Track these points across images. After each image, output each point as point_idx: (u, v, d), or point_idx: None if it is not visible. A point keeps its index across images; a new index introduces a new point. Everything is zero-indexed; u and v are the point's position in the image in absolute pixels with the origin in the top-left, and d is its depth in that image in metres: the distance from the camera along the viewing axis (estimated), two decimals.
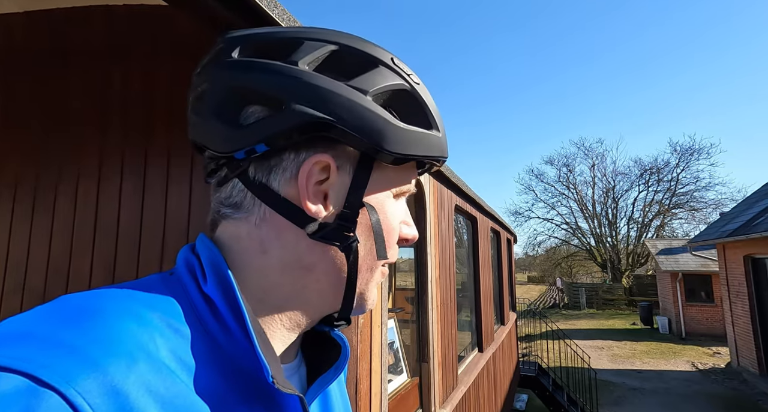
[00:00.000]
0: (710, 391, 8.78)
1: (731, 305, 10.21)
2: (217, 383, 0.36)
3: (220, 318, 0.39)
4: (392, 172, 0.46)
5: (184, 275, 0.41)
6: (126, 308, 0.34)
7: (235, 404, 0.36)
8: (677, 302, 14.88)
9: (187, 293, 0.39)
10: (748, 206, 10.79)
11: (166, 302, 0.37)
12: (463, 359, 3.95)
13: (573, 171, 30.61)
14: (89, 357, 0.29)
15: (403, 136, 0.43)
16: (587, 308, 22.77)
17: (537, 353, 10.60)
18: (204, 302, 0.39)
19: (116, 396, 0.28)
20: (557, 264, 33.47)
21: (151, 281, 0.40)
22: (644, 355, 11.96)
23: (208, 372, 0.35)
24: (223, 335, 0.38)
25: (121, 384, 0.29)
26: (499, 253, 6.79)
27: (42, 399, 0.26)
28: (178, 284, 0.40)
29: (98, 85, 2.19)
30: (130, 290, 0.37)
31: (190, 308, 0.38)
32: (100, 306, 0.34)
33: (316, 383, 0.46)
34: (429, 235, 2.82)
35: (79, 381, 0.27)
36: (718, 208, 24.41)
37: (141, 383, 0.30)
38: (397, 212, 0.48)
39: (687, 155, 26.94)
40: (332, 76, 0.41)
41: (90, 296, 0.35)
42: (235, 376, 0.37)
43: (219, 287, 0.39)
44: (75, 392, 0.27)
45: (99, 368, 0.29)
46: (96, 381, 0.28)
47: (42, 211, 2.15)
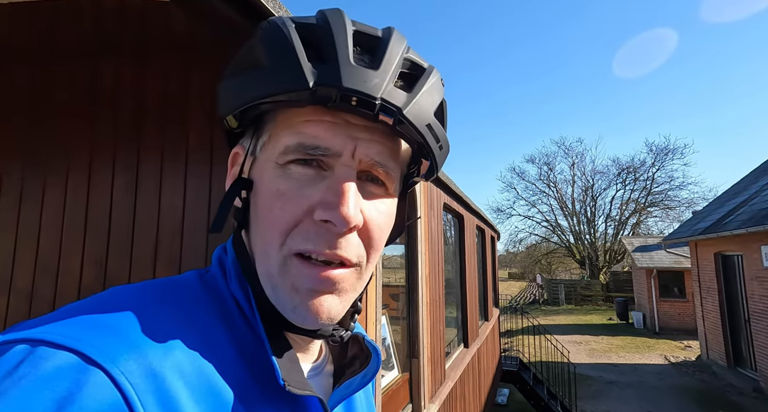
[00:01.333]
0: (682, 383, 9.14)
1: (702, 301, 10.63)
2: (243, 377, 0.37)
3: (244, 315, 0.41)
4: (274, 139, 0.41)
5: (216, 273, 0.44)
6: (166, 300, 0.37)
7: (259, 398, 0.37)
8: (651, 298, 15.39)
9: (220, 290, 0.42)
10: (719, 205, 11.22)
11: (201, 297, 0.40)
12: (449, 354, 4.02)
13: (553, 169, 31.20)
14: (131, 341, 0.31)
15: (229, 91, 0.42)
16: (566, 304, 23.31)
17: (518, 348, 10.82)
18: (232, 299, 0.41)
19: (154, 378, 0.30)
20: (537, 261, 34.12)
21: (190, 277, 0.43)
22: (620, 349, 12.35)
23: (236, 366, 0.37)
24: (248, 333, 0.40)
25: (159, 368, 0.31)
26: (484, 250, 6.91)
27: (90, 375, 0.28)
28: (212, 281, 0.43)
29: (87, 79, 2.14)
30: (171, 284, 0.40)
31: (223, 306, 0.41)
32: (143, 297, 0.36)
33: (341, 387, 0.45)
34: (420, 233, 2.86)
35: (122, 361, 0.30)
36: (690, 206, 25.27)
37: (176, 368, 0.32)
38: (290, 185, 0.39)
39: (662, 155, 27.79)
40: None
41: (135, 289, 0.38)
42: (261, 372, 0.39)
43: (240, 288, 0.42)
44: (119, 371, 0.29)
45: (140, 351, 0.31)
46: (137, 363, 0.30)
47: (29, 206, 2.09)
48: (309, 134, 0.39)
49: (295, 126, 0.40)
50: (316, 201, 0.38)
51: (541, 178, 31.29)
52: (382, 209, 0.43)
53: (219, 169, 1.86)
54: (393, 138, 0.42)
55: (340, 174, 0.39)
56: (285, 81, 0.37)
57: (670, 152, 27.61)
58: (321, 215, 0.38)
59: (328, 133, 0.39)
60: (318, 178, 0.39)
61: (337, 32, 0.39)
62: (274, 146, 0.41)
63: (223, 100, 0.43)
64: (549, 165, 31.31)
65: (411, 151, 0.46)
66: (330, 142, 0.39)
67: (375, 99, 0.37)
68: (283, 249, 0.39)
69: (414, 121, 0.40)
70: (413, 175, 0.49)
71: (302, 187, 0.39)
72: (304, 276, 0.39)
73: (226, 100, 0.42)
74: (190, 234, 1.82)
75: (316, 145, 0.39)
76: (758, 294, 8.29)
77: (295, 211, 0.38)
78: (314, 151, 0.39)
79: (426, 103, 0.41)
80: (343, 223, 0.37)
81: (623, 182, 28.84)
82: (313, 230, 0.38)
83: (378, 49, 0.41)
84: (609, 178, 29.69)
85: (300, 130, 0.39)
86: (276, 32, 0.39)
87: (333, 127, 0.39)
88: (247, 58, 0.41)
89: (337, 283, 0.39)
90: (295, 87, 0.37)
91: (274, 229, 0.39)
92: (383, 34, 0.42)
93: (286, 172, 0.39)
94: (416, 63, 0.43)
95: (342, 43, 0.39)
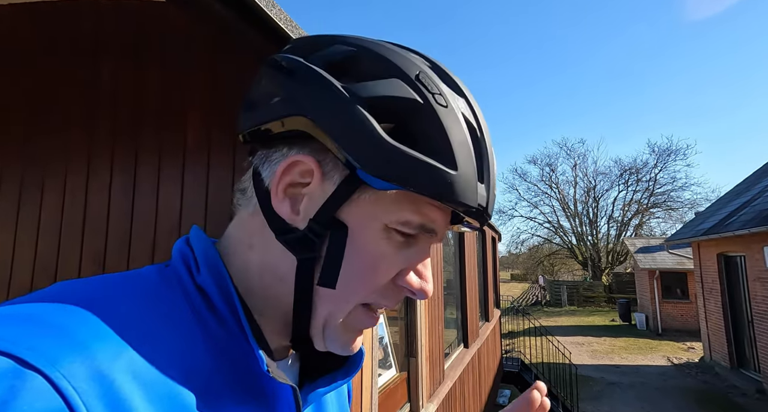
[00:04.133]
0: (684, 384, 9.10)
1: (705, 302, 10.58)
2: (207, 372, 0.36)
3: (214, 308, 0.39)
4: (390, 200, 0.39)
5: (179, 267, 0.41)
6: (120, 295, 0.35)
7: (226, 394, 0.36)
8: (654, 299, 15.33)
9: (182, 283, 0.39)
10: (721, 205, 11.18)
11: (160, 291, 0.38)
12: (449, 354, 4.02)
13: (555, 171, 31.24)
14: (78, 341, 0.29)
15: (390, 157, 0.36)
16: (568, 305, 23.25)
17: (520, 349, 10.80)
18: (198, 292, 0.39)
19: (102, 380, 0.28)
20: (540, 262, 34.06)
21: (146, 271, 0.40)
22: (622, 350, 12.31)
23: (199, 362, 0.35)
24: (217, 326, 0.38)
25: (108, 369, 0.29)
26: (484, 251, 6.90)
27: (26, 380, 0.26)
28: (173, 274, 0.40)
29: (85, 81, 2.16)
30: (126, 279, 0.38)
31: (185, 299, 0.38)
32: (94, 293, 0.34)
33: (315, 383, 0.45)
34: None
35: (65, 364, 0.27)
36: (693, 207, 25.23)
37: (128, 369, 0.30)
38: (391, 250, 0.40)
39: (665, 156, 27.77)
40: (335, 76, 0.38)
41: (85, 283, 0.35)
42: (228, 366, 0.37)
43: (211, 278, 0.39)
44: (60, 374, 0.27)
45: (87, 351, 0.29)
46: (83, 365, 0.28)
47: (28, 207, 2.11)
48: (431, 218, 0.41)
49: (420, 206, 0.40)
50: (405, 268, 0.41)
51: (543, 179, 31.30)
52: None
53: (216, 170, 1.87)
54: None
55: (427, 251, 0.43)
56: (464, 195, 0.38)
57: (673, 153, 27.61)
58: (410, 283, 0.41)
59: (442, 221, 0.42)
60: (406, 245, 0.41)
61: (489, 148, 0.42)
62: (391, 211, 0.39)
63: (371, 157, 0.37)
64: (551, 166, 31.34)
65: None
66: (440, 228, 0.42)
67: (490, 217, 0.42)
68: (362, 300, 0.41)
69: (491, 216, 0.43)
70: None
71: (398, 254, 0.41)
72: (364, 322, 0.42)
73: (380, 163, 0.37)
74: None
75: (434, 230, 0.41)
76: (761, 295, 8.25)
77: (390, 275, 0.41)
78: (429, 232, 0.41)
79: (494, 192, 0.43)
80: (425, 296, 0.42)
81: (625, 183, 28.83)
82: (392, 290, 0.42)
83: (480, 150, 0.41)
84: (611, 179, 29.72)
85: (424, 211, 0.40)
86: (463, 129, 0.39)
87: (445, 215, 0.42)
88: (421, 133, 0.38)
89: None
90: (468, 204, 0.39)
91: (367, 286, 0.40)
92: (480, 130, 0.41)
93: (390, 235, 0.40)
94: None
95: (493, 163, 0.42)
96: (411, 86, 0.38)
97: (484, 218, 0.41)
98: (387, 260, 0.40)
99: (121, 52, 2.14)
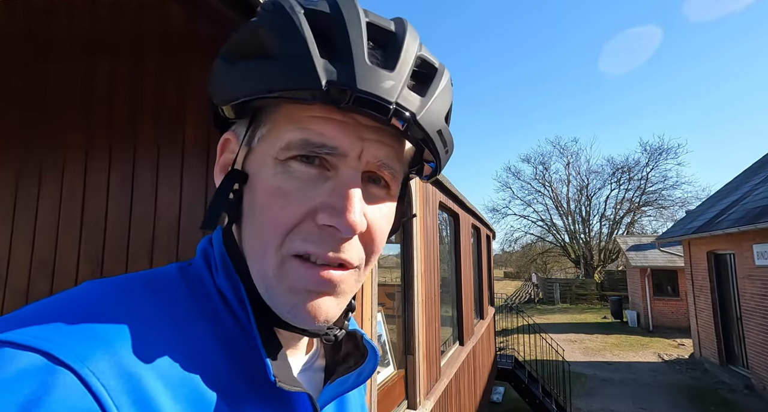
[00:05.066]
0: (674, 381, 9.23)
1: (695, 299, 10.73)
2: (227, 373, 0.35)
3: (232, 310, 0.39)
4: (274, 131, 0.39)
5: (201, 267, 0.41)
6: (144, 295, 0.35)
7: (245, 395, 0.36)
8: (645, 297, 15.51)
9: (204, 285, 0.40)
10: (711, 204, 11.33)
11: (182, 292, 0.38)
12: (445, 352, 4.04)
13: (549, 169, 31.37)
14: (103, 339, 0.30)
15: (228, 79, 0.39)
16: (561, 303, 23.44)
17: (513, 346, 10.88)
18: (218, 293, 0.40)
19: (129, 378, 0.29)
20: (533, 260, 34.28)
21: (170, 270, 0.40)
22: (614, 347, 12.44)
23: (220, 362, 0.35)
24: (235, 327, 0.38)
25: (135, 367, 0.29)
26: (479, 249, 6.94)
27: (58, 377, 0.26)
28: (196, 274, 0.41)
29: (83, 77, 2.14)
30: (149, 278, 0.38)
31: (207, 300, 0.39)
32: (118, 293, 0.35)
33: (334, 384, 0.44)
34: (415, 231, 2.88)
35: (94, 362, 0.28)
36: (684, 206, 25.49)
37: (154, 367, 0.31)
38: (291, 184, 0.37)
39: (656, 155, 28.02)
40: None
41: (109, 284, 0.36)
42: (247, 367, 0.37)
43: (227, 280, 0.40)
44: (89, 371, 0.27)
45: (114, 350, 0.29)
46: (110, 363, 0.29)
47: (25, 204, 2.09)
48: (315, 131, 0.37)
49: (301, 121, 0.37)
50: (319, 204, 0.37)
51: (537, 177, 31.47)
52: (384, 212, 0.41)
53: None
54: (400, 139, 0.41)
55: (345, 177, 0.37)
56: (296, 77, 0.35)
57: (664, 152, 27.87)
58: (325, 219, 0.36)
59: (337, 133, 0.37)
60: (321, 179, 0.37)
61: (351, 25, 0.37)
62: (275, 140, 0.38)
63: (219, 87, 0.39)
64: (544, 164, 31.49)
65: (414, 152, 0.45)
66: (338, 141, 0.37)
67: (390, 103, 0.36)
68: (282, 250, 0.37)
69: (426, 127, 0.38)
70: (411, 174, 0.48)
71: (304, 188, 0.37)
72: (302, 278, 0.37)
73: (224, 88, 0.39)
74: (187, 230, 1.83)
75: (323, 144, 0.37)
76: (750, 292, 8.38)
77: (296, 212, 0.37)
78: (320, 149, 0.37)
79: (438, 108, 0.40)
80: (349, 230, 0.36)
81: (618, 182, 29.07)
82: (315, 233, 0.37)
83: (392, 46, 0.38)
84: (604, 177, 29.94)
85: (306, 126, 0.37)
86: (284, 18, 0.36)
87: (342, 126, 0.37)
88: (249, 42, 0.38)
89: (336, 285, 0.38)
90: (307, 85, 0.35)
91: (272, 229, 0.37)
92: (397, 28, 0.40)
93: (287, 169, 0.37)
94: (429, 62, 0.41)
95: (357, 38, 0.36)
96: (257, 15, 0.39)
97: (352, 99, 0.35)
98: (286, 195, 0.37)
99: (119, 47, 2.12)
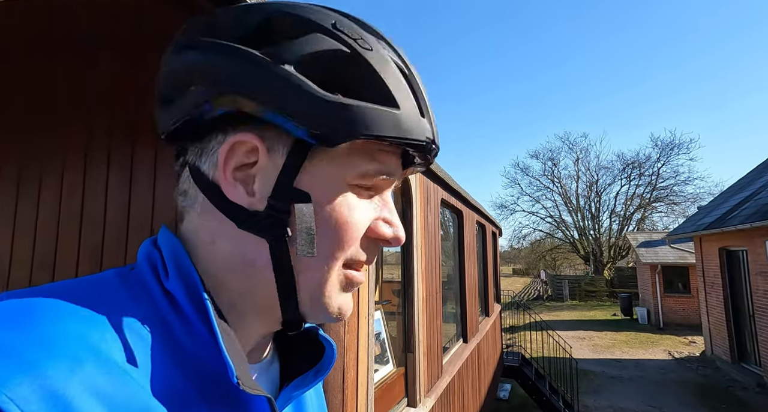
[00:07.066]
0: (685, 378, 9.12)
1: (706, 296, 10.58)
2: (178, 384, 0.34)
3: (183, 315, 0.36)
4: (343, 156, 0.38)
5: (144, 271, 0.38)
6: (73, 306, 0.32)
7: (198, 407, 0.34)
8: (656, 293, 15.33)
9: (148, 289, 0.37)
10: (724, 199, 11.13)
11: (120, 299, 0.35)
12: (447, 349, 4.03)
13: (558, 165, 31.12)
14: (26, 360, 0.26)
15: (331, 112, 0.36)
16: (570, 300, 23.28)
17: (521, 343, 10.83)
18: (165, 298, 0.37)
19: (56, 401, 0.26)
20: (541, 257, 34.05)
21: (106, 277, 0.37)
22: (623, 345, 12.33)
23: (168, 373, 0.33)
24: (185, 334, 0.36)
25: (63, 388, 0.26)
26: (485, 246, 6.90)
27: None
28: (137, 279, 0.37)
29: (83, 77, 2.16)
30: (81, 287, 0.35)
31: (151, 306, 0.36)
32: (43, 305, 0.31)
33: (291, 385, 0.44)
34: (415, 228, 2.86)
35: (12, 386, 0.25)
36: (696, 202, 25.09)
37: (87, 386, 0.28)
38: (359, 204, 0.40)
39: (668, 150, 27.61)
40: (254, 47, 0.37)
41: (33, 294, 0.32)
42: (199, 377, 0.35)
43: (181, 283, 0.37)
44: (6, 398, 0.25)
45: (37, 371, 0.26)
46: (32, 386, 0.26)
47: (25, 203, 2.12)
48: (386, 164, 0.41)
49: (372, 153, 0.40)
50: (374, 220, 0.41)
51: (545, 173, 31.21)
52: None
53: None
54: None
55: (389, 198, 0.43)
56: (412, 130, 0.39)
57: (676, 147, 27.45)
58: (383, 234, 0.41)
59: (396, 163, 0.42)
60: (370, 197, 0.42)
61: (421, 84, 0.41)
62: (345, 165, 0.39)
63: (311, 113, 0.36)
64: (553, 160, 31.22)
65: None
66: (395, 170, 0.42)
67: (438, 149, 0.42)
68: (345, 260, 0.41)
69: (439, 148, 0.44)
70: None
71: (367, 209, 0.41)
72: (348, 281, 0.41)
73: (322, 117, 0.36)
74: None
75: (391, 174, 0.41)
76: (762, 289, 8.24)
77: (363, 231, 0.41)
78: (387, 177, 0.41)
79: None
80: (399, 243, 0.42)
81: (628, 177, 28.71)
82: (367, 246, 0.41)
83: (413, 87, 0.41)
84: (614, 173, 29.59)
85: (378, 158, 0.40)
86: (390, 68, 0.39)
87: (398, 158, 0.42)
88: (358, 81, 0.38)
89: None
90: (419, 139, 0.39)
91: (347, 244, 0.39)
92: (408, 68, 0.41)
93: (354, 191, 0.40)
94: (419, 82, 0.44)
95: (423, 90, 0.41)
96: (332, 37, 0.37)
97: (433, 152, 0.42)
98: (357, 216, 0.40)
99: (118, 48, 2.14)
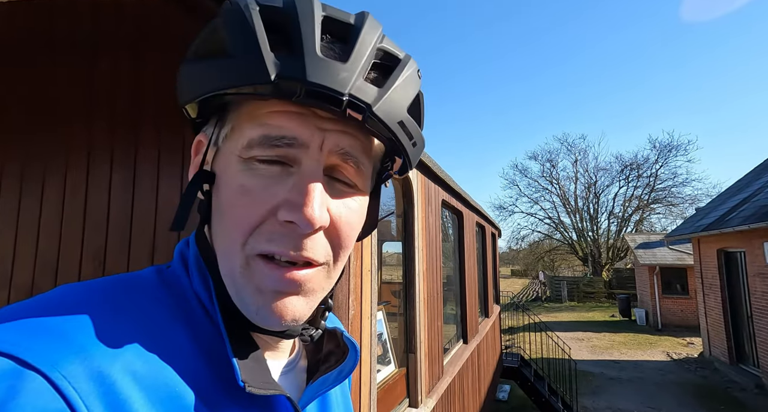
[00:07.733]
0: (683, 380, 9.13)
1: (704, 297, 10.60)
2: (206, 378, 0.35)
3: (208, 314, 0.39)
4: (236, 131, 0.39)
5: (178, 270, 0.42)
6: (119, 299, 0.35)
7: (223, 399, 0.36)
8: (654, 295, 15.35)
9: (182, 287, 0.40)
10: (721, 201, 11.16)
11: (159, 294, 0.38)
12: (448, 350, 4.04)
13: (556, 166, 31.14)
14: (76, 343, 0.29)
15: (190, 78, 0.39)
16: (568, 301, 23.30)
17: (520, 345, 10.83)
18: (195, 296, 0.40)
19: (102, 381, 0.29)
20: (540, 258, 34.07)
21: (147, 273, 0.40)
22: (622, 346, 12.34)
23: (198, 367, 0.35)
24: (213, 332, 0.38)
25: (108, 371, 0.29)
26: (484, 247, 6.91)
27: (25, 380, 0.26)
28: (173, 277, 0.41)
29: (85, 77, 2.16)
30: (126, 281, 0.38)
31: (185, 302, 0.39)
32: (93, 297, 0.34)
33: (315, 383, 0.44)
34: (416, 229, 2.87)
35: (65, 365, 0.28)
36: (694, 203, 25.17)
37: (127, 370, 0.30)
38: (253, 182, 0.37)
39: (666, 152, 27.67)
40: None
41: (85, 287, 0.35)
42: (226, 372, 0.37)
43: (202, 286, 0.40)
44: (60, 375, 0.27)
45: (86, 354, 0.29)
46: (81, 366, 0.28)
47: (29, 203, 2.12)
48: (274, 125, 0.37)
49: (260, 117, 0.37)
50: (281, 200, 0.37)
51: (544, 175, 31.25)
52: (353, 206, 0.41)
53: None
54: (365, 132, 0.40)
55: (306, 171, 0.37)
56: (247, 73, 0.35)
57: (674, 149, 27.50)
58: (285, 215, 0.36)
59: (294, 123, 0.37)
60: (284, 176, 0.37)
61: (304, 18, 0.36)
62: (237, 138, 0.38)
63: (183, 86, 0.40)
64: (552, 162, 31.26)
65: (384, 147, 0.44)
66: (297, 131, 0.37)
67: (342, 94, 0.35)
68: (246, 249, 0.37)
69: (385, 118, 0.38)
70: (386, 170, 0.47)
71: (268, 185, 0.37)
72: (267, 278, 0.37)
73: (187, 88, 0.39)
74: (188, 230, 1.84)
75: (282, 136, 0.37)
76: (761, 291, 8.26)
77: (260, 210, 0.36)
78: (280, 140, 0.37)
79: (399, 98, 0.39)
80: (307, 225, 0.36)
81: (626, 179, 28.77)
82: (278, 231, 0.37)
83: (349, 38, 0.38)
84: (612, 175, 29.65)
85: (265, 121, 0.37)
86: (238, 15, 0.36)
87: (299, 118, 0.37)
88: (208, 41, 0.39)
89: (303, 283, 0.38)
90: (257, 80, 0.35)
91: (236, 227, 0.37)
92: (356, 20, 0.39)
93: (251, 167, 0.37)
94: (390, 53, 0.40)
95: (309, 31, 0.36)
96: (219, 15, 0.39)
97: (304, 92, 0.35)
98: (250, 193, 0.37)
99: (120, 48, 2.14)
